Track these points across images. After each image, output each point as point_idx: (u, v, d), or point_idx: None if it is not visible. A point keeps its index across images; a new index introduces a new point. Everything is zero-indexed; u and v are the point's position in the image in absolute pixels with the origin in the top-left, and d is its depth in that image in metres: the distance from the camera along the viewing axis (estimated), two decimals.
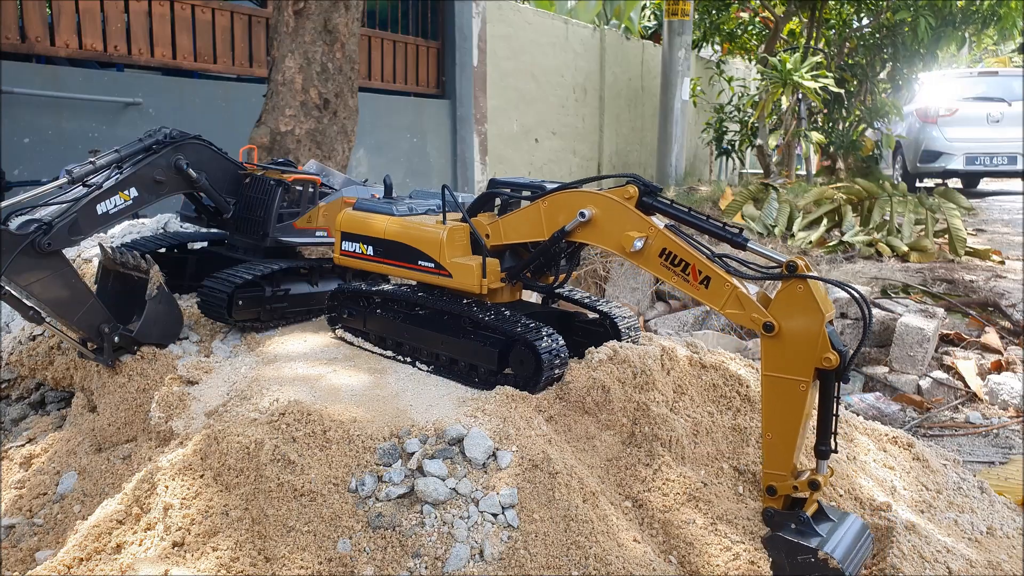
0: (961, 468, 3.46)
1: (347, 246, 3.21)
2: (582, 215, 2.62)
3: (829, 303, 2.24)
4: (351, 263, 3.24)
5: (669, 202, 2.58)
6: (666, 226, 2.52)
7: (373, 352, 3.24)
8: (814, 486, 2.36)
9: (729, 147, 13.56)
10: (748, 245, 2.44)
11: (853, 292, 2.26)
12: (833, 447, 2.36)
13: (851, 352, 2.22)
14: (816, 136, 11.70)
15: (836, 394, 2.31)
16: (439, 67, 9.76)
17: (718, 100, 14.63)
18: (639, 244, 2.50)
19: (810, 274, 2.21)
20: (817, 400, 2.35)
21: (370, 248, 3.14)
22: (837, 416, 2.33)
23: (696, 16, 13.21)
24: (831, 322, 2.23)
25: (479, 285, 2.87)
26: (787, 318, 2.25)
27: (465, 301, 2.95)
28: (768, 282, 2.40)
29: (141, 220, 4.74)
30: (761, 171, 12.88)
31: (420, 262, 3.00)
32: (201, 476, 2.41)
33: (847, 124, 12.47)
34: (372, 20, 8.80)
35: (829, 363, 2.19)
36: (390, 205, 3.17)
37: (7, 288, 2.86)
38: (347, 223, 3.22)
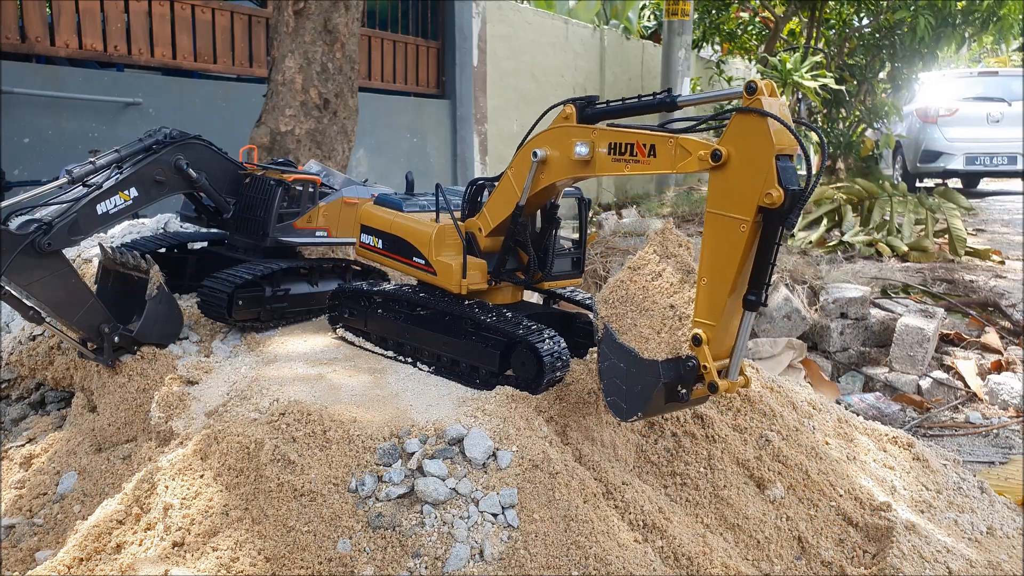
0: (961, 468, 3.46)
1: (364, 239, 3.29)
2: (534, 155, 2.64)
3: (787, 137, 2.09)
4: (367, 255, 3.32)
5: (606, 103, 2.58)
6: (607, 124, 2.52)
7: (373, 352, 3.24)
8: (712, 388, 2.25)
9: None
10: (679, 100, 2.42)
11: (797, 132, 2.10)
12: (763, 299, 2.20)
13: (801, 191, 2.06)
14: (816, 136, 11.68)
15: (778, 240, 2.14)
16: (439, 67, 9.76)
17: None
18: (582, 148, 2.50)
19: (758, 108, 2.07)
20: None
21: (380, 242, 3.22)
22: (774, 265, 2.16)
23: (696, 16, 13.19)
24: (789, 157, 2.09)
25: (458, 284, 2.91)
26: (736, 147, 2.12)
27: (467, 302, 2.95)
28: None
29: (141, 220, 4.74)
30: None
31: (414, 258, 3.07)
32: (201, 476, 2.41)
33: (847, 124, 12.47)
34: (372, 20, 8.79)
35: (771, 199, 2.04)
36: (402, 201, 3.24)
37: (7, 288, 2.86)
38: (364, 216, 3.30)
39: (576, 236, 3.12)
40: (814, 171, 2.29)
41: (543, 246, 2.97)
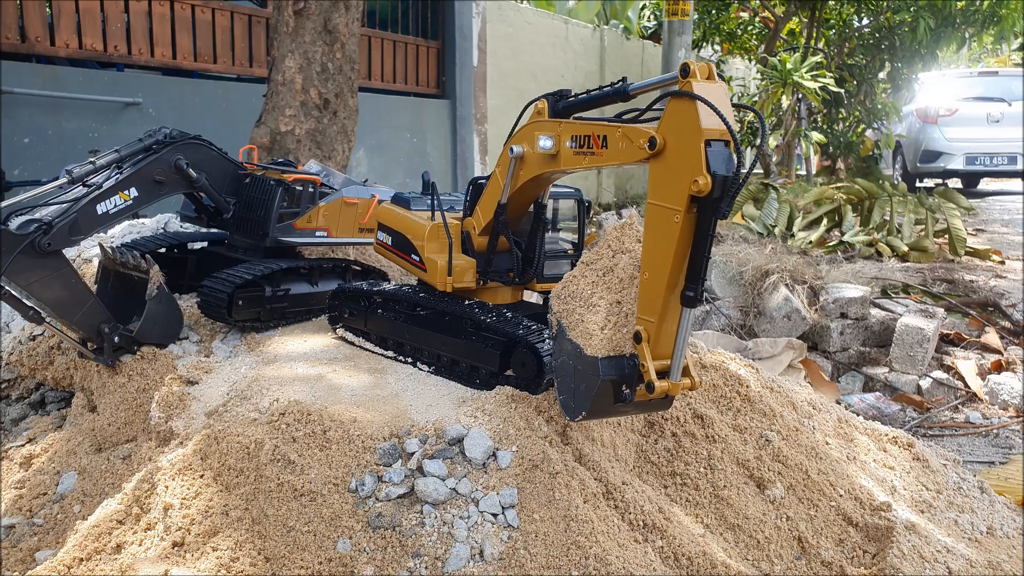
0: (961, 468, 3.46)
1: (380, 235, 3.36)
2: (511, 151, 2.63)
3: (717, 123, 1.97)
4: (382, 252, 3.38)
5: (575, 95, 2.55)
6: (573, 118, 2.50)
7: (373, 352, 3.25)
8: (649, 388, 2.13)
9: None
10: (630, 88, 2.36)
11: (723, 118, 1.95)
12: (700, 295, 2.09)
13: (731, 177, 1.94)
14: (816, 136, 11.71)
15: (711, 231, 2.02)
16: (439, 67, 9.76)
17: None
18: (545, 142, 2.48)
19: (689, 91, 1.97)
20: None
21: (390, 239, 3.28)
22: (709, 258, 2.06)
23: (696, 16, 13.20)
24: (725, 143, 1.97)
25: (443, 281, 2.94)
26: (670, 134, 2.03)
27: (466, 302, 2.96)
28: None
29: (141, 220, 4.74)
30: (761, 171, 12.89)
31: (412, 255, 3.11)
32: (201, 476, 2.41)
33: (846, 125, 12.47)
34: (372, 20, 8.80)
35: (697, 187, 1.93)
36: (411, 199, 3.30)
37: (7, 288, 2.86)
38: (380, 214, 3.39)
39: (575, 238, 3.13)
40: (776, 151, 2.22)
41: (532, 246, 2.97)
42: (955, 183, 13.91)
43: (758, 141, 12.30)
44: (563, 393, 2.36)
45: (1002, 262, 7.31)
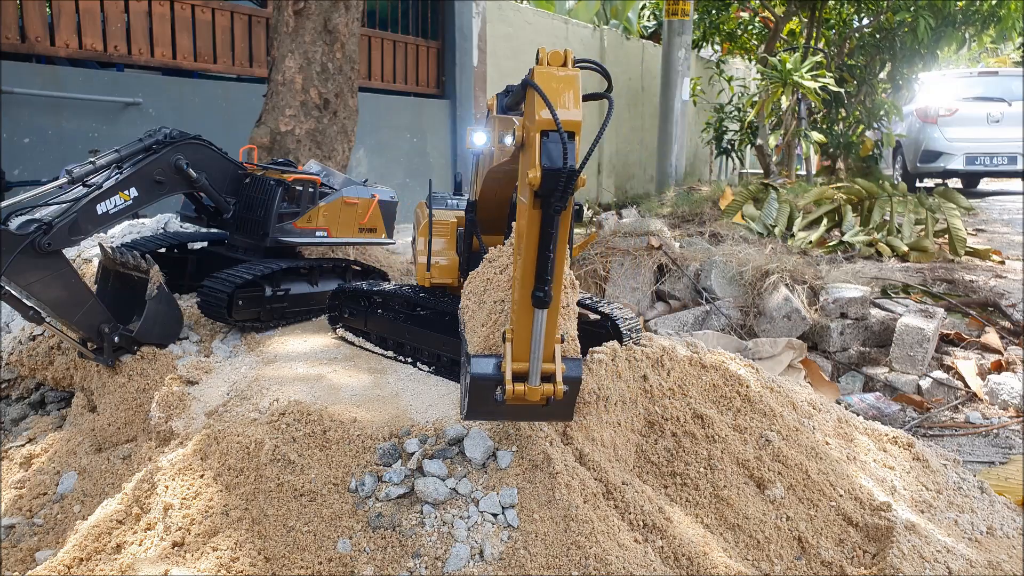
0: (961, 468, 3.45)
1: (413, 234, 3.47)
2: (474, 149, 2.61)
3: (543, 113, 1.84)
4: (413, 251, 3.47)
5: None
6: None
7: (373, 352, 3.25)
8: (502, 391, 2.04)
9: (729, 147, 13.55)
10: (529, 83, 2.15)
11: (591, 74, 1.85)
12: (549, 296, 1.93)
13: (560, 170, 1.81)
14: (816, 136, 11.70)
15: (550, 227, 1.88)
16: (439, 67, 9.76)
17: (718, 100, 14.63)
18: (477, 138, 2.49)
19: (531, 80, 1.86)
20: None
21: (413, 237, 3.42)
22: (551, 255, 1.90)
23: (696, 16, 13.19)
24: (568, 135, 1.85)
25: (421, 277, 3.00)
26: (527, 126, 1.93)
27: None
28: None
29: (141, 220, 4.74)
30: (761, 171, 12.88)
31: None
32: (201, 476, 2.42)
33: (846, 125, 12.47)
34: (372, 20, 8.80)
35: (528, 180, 1.83)
36: (434, 199, 3.33)
37: (7, 288, 2.86)
38: (416, 213, 3.49)
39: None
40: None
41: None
42: (955, 183, 13.91)
43: (758, 141, 12.27)
44: (461, 389, 2.34)
45: (1002, 262, 7.31)
